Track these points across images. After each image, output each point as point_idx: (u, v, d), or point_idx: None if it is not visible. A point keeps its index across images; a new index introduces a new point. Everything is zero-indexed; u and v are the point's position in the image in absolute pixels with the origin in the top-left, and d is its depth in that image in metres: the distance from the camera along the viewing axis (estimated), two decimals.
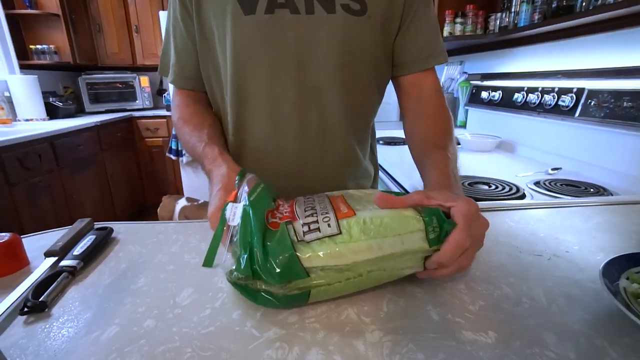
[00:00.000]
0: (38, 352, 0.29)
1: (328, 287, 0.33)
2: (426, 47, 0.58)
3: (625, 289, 0.34)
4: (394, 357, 0.28)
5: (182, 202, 1.96)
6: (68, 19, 2.43)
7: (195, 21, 0.54)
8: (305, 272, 0.32)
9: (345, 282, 0.34)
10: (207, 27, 0.54)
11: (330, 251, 0.32)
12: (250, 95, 0.55)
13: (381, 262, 0.34)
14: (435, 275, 0.36)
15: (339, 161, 0.61)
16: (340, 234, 0.33)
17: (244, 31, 0.51)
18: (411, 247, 0.34)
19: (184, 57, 0.58)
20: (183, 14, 0.55)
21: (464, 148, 1.38)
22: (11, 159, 1.54)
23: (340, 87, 0.55)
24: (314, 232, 0.34)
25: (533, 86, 1.21)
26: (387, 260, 0.34)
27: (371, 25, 0.53)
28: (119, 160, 2.55)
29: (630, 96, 0.86)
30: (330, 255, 0.32)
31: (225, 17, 0.51)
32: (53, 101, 2.44)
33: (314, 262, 0.32)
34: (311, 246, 0.33)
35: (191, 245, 0.48)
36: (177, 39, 0.58)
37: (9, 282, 0.40)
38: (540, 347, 0.29)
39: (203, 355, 0.28)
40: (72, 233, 0.48)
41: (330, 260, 0.32)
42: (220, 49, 0.54)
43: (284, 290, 0.32)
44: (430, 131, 0.57)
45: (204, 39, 0.55)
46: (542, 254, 0.44)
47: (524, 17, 1.18)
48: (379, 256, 0.33)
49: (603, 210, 0.59)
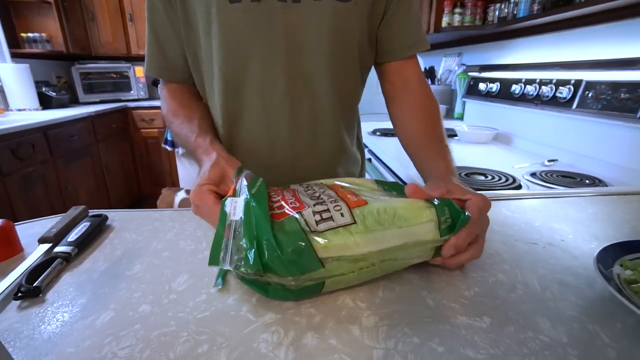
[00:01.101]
0: (32, 335, 0.29)
1: (342, 277, 0.33)
2: (410, 35, 0.58)
3: (619, 275, 0.34)
4: (390, 341, 0.28)
5: (181, 194, 1.96)
6: (60, 7, 2.38)
7: (180, 11, 0.53)
8: (321, 262, 0.31)
9: (359, 272, 0.33)
10: (192, 17, 0.52)
11: (346, 241, 0.32)
12: (240, 86, 0.55)
13: (394, 252, 0.34)
14: (449, 263, 0.37)
15: (330, 149, 0.61)
16: (355, 224, 0.33)
17: (230, 20, 0.50)
18: (424, 237, 0.34)
19: (168, 48, 0.57)
20: (165, 4, 0.53)
21: (461, 140, 1.38)
22: (4, 148, 1.52)
23: (329, 74, 0.55)
24: (327, 221, 0.33)
25: (531, 78, 1.21)
26: (399, 250, 0.34)
27: (357, 11, 0.53)
28: (114, 151, 2.53)
29: (627, 87, 0.86)
30: (346, 246, 0.32)
31: (211, 5, 0.50)
32: (46, 91, 2.40)
33: (329, 253, 0.31)
34: (326, 236, 0.32)
35: (187, 233, 0.47)
36: (159, 31, 0.56)
37: (2, 268, 0.39)
38: (533, 332, 0.29)
39: (198, 339, 0.28)
40: (67, 220, 0.47)
41: (345, 250, 0.32)
42: (207, 38, 0.53)
43: (297, 282, 0.31)
44: (424, 123, 0.57)
45: (190, 29, 0.54)
46: (537, 243, 0.45)
47: (523, 8, 1.17)
48: (393, 246, 0.33)
49: (598, 201, 0.60)
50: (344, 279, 0.33)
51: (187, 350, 0.27)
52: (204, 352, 0.27)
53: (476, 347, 0.28)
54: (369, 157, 1.35)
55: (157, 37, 0.56)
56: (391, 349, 0.27)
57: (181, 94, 0.59)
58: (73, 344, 0.28)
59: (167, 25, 0.55)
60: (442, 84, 1.95)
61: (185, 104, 0.58)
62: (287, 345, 0.28)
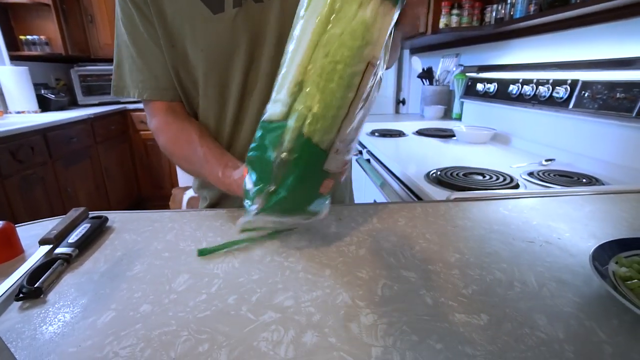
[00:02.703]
0: (34, 336, 0.29)
1: (312, 111, 0.32)
2: None
3: (614, 272, 0.35)
4: (388, 339, 0.28)
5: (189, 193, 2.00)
6: (59, 9, 2.39)
7: (160, 29, 0.52)
8: (280, 124, 0.33)
9: (319, 91, 0.32)
10: (173, 33, 0.52)
11: (280, 79, 0.34)
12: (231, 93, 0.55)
13: (324, 36, 0.32)
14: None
15: None
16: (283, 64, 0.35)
17: (216, 29, 0.51)
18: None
19: (156, 68, 0.55)
20: (145, 24, 0.52)
21: (459, 140, 1.39)
22: (3, 151, 1.52)
23: None
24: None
25: (528, 78, 1.21)
26: (328, 28, 0.32)
27: None
28: (113, 153, 2.53)
29: (623, 87, 0.87)
30: (281, 83, 0.34)
31: (194, 19, 0.50)
32: (45, 93, 2.40)
33: (277, 108, 0.34)
34: (270, 101, 0.35)
35: (187, 234, 0.48)
36: (144, 51, 0.54)
37: (4, 269, 0.40)
38: (530, 328, 0.30)
39: (199, 338, 0.29)
40: (67, 221, 0.47)
41: (283, 88, 0.33)
42: (194, 52, 0.53)
43: (288, 160, 0.33)
44: None
45: (171, 45, 0.53)
46: (535, 241, 0.45)
47: (519, 9, 1.18)
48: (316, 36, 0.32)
49: (595, 199, 0.60)
50: (319, 111, 0.33)
51: (188, 349, 0.28)
52: (205, 350, 0.27)
53: (474, 344, 0.28)
54: (368, 158, 1.36)
55: (143, 59, 0.55)
56: (390, 346, 0.28)
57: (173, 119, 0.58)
58: (75, 344, 0.28)
59: (152, 45, 0.54)
60: (440, 84, 1.95)
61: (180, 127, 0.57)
62: (287, 344, 0.28)
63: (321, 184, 0.37)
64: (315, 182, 0.37)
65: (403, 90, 2.54)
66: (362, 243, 0.45)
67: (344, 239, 0.46)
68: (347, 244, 0.44)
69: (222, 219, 0.52)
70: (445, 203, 0.59)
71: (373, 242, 0.45)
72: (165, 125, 0.58)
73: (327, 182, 0.38)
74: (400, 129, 1.62)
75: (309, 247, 0.44)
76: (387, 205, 0.58)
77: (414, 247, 0.43)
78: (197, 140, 0.54)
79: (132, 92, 0.57)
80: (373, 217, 0.52)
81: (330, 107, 0.32)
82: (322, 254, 0.42)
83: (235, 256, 0.42)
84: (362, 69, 0.32)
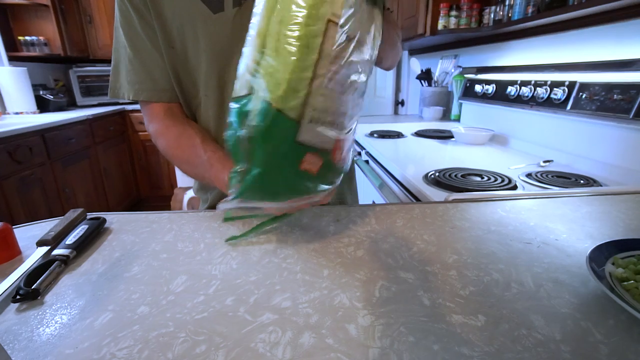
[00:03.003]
0: (31, 337, 0.29)
1: (272, 73, 0.32)
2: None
3: (611, 273, 0.35)
4: (385, 340, 0.29)
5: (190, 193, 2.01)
6: (58, 10, 2.39)
7: (159, 31, 0.52)
8: (242, 97, 0.33)
9: (276, 51, 0.32)
10: (173, 34, 0.52)
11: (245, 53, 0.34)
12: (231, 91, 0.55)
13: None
14: None
15: None
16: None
17: (217, 29, 0.51)
18: None
19: (154, 69, 0.55)
20: (143, 26, 0.52)
21: (457, 141, 1.39)
22: (1, 151, 1.52)
23: None
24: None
25: (526, 79, 1.22)
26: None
27: None
28: (112, 153, 2.53)
29: (620, 88, 0.87)
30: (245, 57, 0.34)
31: (194, 19, 0.50)
32: (44, 94, 2.40)
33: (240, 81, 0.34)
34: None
35: (185, 235, 0.48)
36: (141, 53, 0.54)
37: (1, 271, 0.40)
38: (527, 329, 0.30)
39: (196, 340, 0.29)
40: (65, 223, 0.47)
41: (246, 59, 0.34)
42: (194, 52, 0.53)
43: (252, 131, 0.32)
44: None
45: (171, 47, 0.53)
46: (532, 242, 0.45)
47: (518, 10, 1.18)
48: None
49: (592, 200, 0.61)
50: (275, 68, 0.32)
51: (185, 350, 0.28)
52: (202, 352, 0.27)
53: (471, 344, 0.28)
54: (366, 159, 1.36)
55: (141, 61, 0.55)
56: (387, 347, 0.28)
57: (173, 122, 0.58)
58: (72, 345, 0.28)
59: (150, 47, 0.54)
60: (438, 85, 1.96)
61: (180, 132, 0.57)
62: (285, 345, 0.28)
63: (300, 160, 0.35)
64: (291, 156, 0.34)
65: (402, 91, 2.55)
66: (360, 244, 0.45)
67: (342, 240, 0.46)
68: (345, 245, 0.44)
69: (220, 220, 0.52)
70: (443, 204, 0.59)
71: (371, 243, 0.45)
72: (165, 129, 0.58)
73: (309, 157, 0.35)
74: (398, 130, 1.62)
75: (307, 248, 0.44)
76: (385, 206, 0.58)
77: (412, 248, 0.44)
78: (200, 144, 0.54)
79: (128, 94, 0.57)
80: (371, 219, 0.52)
81: (292, 71, 0.31)
82: (320, 255, 0.42)
83: (233, 257, 0.42)
84: (322, 28, 0.31)
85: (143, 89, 0.56)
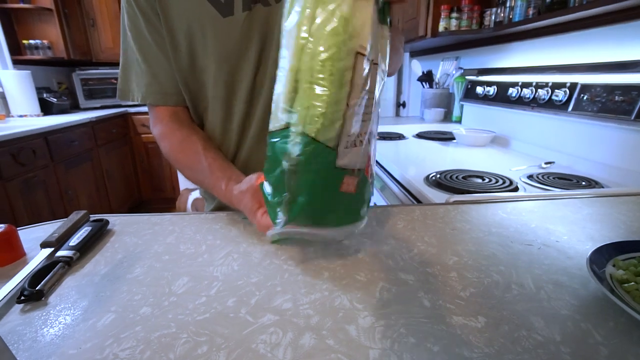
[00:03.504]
0: (35, 338, 0.30)
1: (315, 107, 0.33)
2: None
3: (612, 275, 0.35)
4: (386, 341, 0.29)
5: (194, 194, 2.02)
6: (61, 13, 2.41)
7: (167, 34, 0.52)
8: (285, 132, 0.33)
9: (317, 82, 0.32)
10: (181, 38, 0.53)
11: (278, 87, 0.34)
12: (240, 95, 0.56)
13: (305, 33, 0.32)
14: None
15: None
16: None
17: (225, 32, 0.51)
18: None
19: (160, 73, 0.56)
20: (150, 29, 0.53)
21: (459, 143, 1.39)
22: (5, 154, 1.53)
23: None
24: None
25: (527, 81, 1.22)
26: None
27: None
28: (114, 155, 2.54)
29: (622, 90, 0.87)
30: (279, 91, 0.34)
31: (203, 22, 0.51)
32: (47, 97, 2.42)
33: (279, 114, 0.34)
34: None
35: (186, 236, 0.48)
36: (148, 56, 0.55)
37: (6, 272, 0.40)
38: (527, 331, 0.30)
39: (198, 341, 0.29)
40: (68, 225, 0.48)
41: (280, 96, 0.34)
42: (203, 55, 0.53)
43: (296, 164, 0.33)
44: None
45: (179, 50, 0.54)
46: (533, 244, 0.45)
47: (518, 12, 1.18)
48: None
49: (593, 202, 0.61)
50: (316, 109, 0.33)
51: (187, 351, 0.28)
52: (204, 352, 0.28)
53: (471, 346, 0.28)
54: None
55: (147, 64, 0.55)
56: (387, 348, 0.28)
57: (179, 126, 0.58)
58: (75, 346, 0.29)
59: (156, 50, 0.54)
60: (440, 87, 1.96)
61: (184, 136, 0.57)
62: (285, 346, 0.28)
63: (340, 183, 0.36)
64: (332, 181, 0.36)
65: (403, 93, 2.55)
66: (360, 246, 0.45)
67: (343, 242, 0.46)
68: (345, 247, 0.45)
69: (222, 222, 0.52)
70: (444, 206, 0.59)
71: (372, 245, 0.45)
72: (169, 132, 0.59)
73: (347, 179, 0.36)
74: (400, 131, 1.63)
75: (308, 250, 0.44)
76: (386, 208, 0.58)
77: (413, 250, 0.44)
78: (201, 151, 0.55)
79: (136, 97, 0.58)
80: (372, 220, 0.52)
81: (327, 106, 0.33)
82: (320, 257, 0.42)
83: (235, 259, 0.42)
84: (352, 62, 0.33)
85: (150, 91, 0.57)
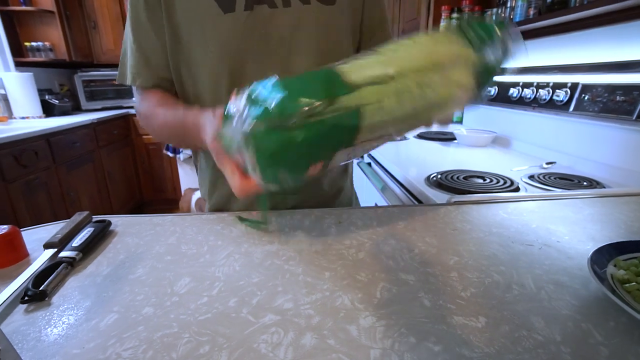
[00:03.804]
0: (39, 337, 0.30)
1: (380, 105, 0.32)
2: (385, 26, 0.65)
3: (612, 275, 0.35)
4: (386, 341, 0.29)
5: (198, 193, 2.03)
6: (63, 16, 2.42)
7: (167, 25, 0.53)
8: (348, 86, 0.31)
9: (397, 97, 0.32)
10: (180, 29, 0.53)
11: (369, 61, 0.33)
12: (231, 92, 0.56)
13: (428, 73, 0.33)
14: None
15: None
16: (380, 54, 0.34)
17: (225, 29, 0.51)
18: (454, 50, 0.34)
19: (154, 58, 0.56)
20: (150, 16, 0.53)
21: (460, 143, 1.39)
22: (7, 156, 1.54)
23: None
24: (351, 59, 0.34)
25: (528, 81, 1.22)
26: (433, 72, 0.33)
27: (340, 12, 0.56)
28: (116, 157, 2.55)
29: (623, 90, 0.87)
30: (372, 64, 0.32)
31: (204, 17, 0.51)
32: (49, 99, 2.43)
33: (356, 75, 0.32)
34: (351, 63, 0.33)
35: (188, 237, 0.48)
36: (142, 43, 0.55)
37: (9, 273, 0.40)
38: (528, 331, 0.30)
39: (200, 340, 0.29)
40: (71, 226, 0.48)
41: (373, 68, 0.32)
42: (201, 49, 0.53)
43: (330, 111, 0.30)
44: None
45: (177, 42, 0.54)
46: (533, 244, 0.45)
47: (519, 12, 1.19)
48: (422, 65, 0.33)
49: (594, 202, 0.61)
50: (384, 107, 0.32)
51: (189, 350, 0.28)
52: (206, 352, 0.28)
53: (471, 346, 0.28)
54: (369, 162, 1.36)
55: (141, 49, 0.56)
56: (388, 348, 0.28)
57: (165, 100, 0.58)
58: (78, 346, 0.29)
59: (154, 37, 0.54)
60: None
61: (165, 102, 0.57)
62: (287, 346, 0.28)
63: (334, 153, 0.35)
64: (332, 142, 0.34)
65: None
66: (361, 246, 0.45)
67: (344, 242, 0.46)
68: (346, 247, 0.45)
69: (224, 223, 0.53)
70: (445, 206, 0.59)
71: (372, 245, 0.45)
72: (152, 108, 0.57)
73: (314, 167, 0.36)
74: None
75: (309, 250, 0.44)
76: (386, 208, 0.58)
77: (413, 250, 0.44)
78: (181, 107, 0.54)
79: (128, 79, 0.58)
80: (373, 221, 0.52)
81: (389, 113, 0.34)
82: (321, 257, 0.42)
83: (236, 259, 0.42)
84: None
85: (140, 74, 0.57)
